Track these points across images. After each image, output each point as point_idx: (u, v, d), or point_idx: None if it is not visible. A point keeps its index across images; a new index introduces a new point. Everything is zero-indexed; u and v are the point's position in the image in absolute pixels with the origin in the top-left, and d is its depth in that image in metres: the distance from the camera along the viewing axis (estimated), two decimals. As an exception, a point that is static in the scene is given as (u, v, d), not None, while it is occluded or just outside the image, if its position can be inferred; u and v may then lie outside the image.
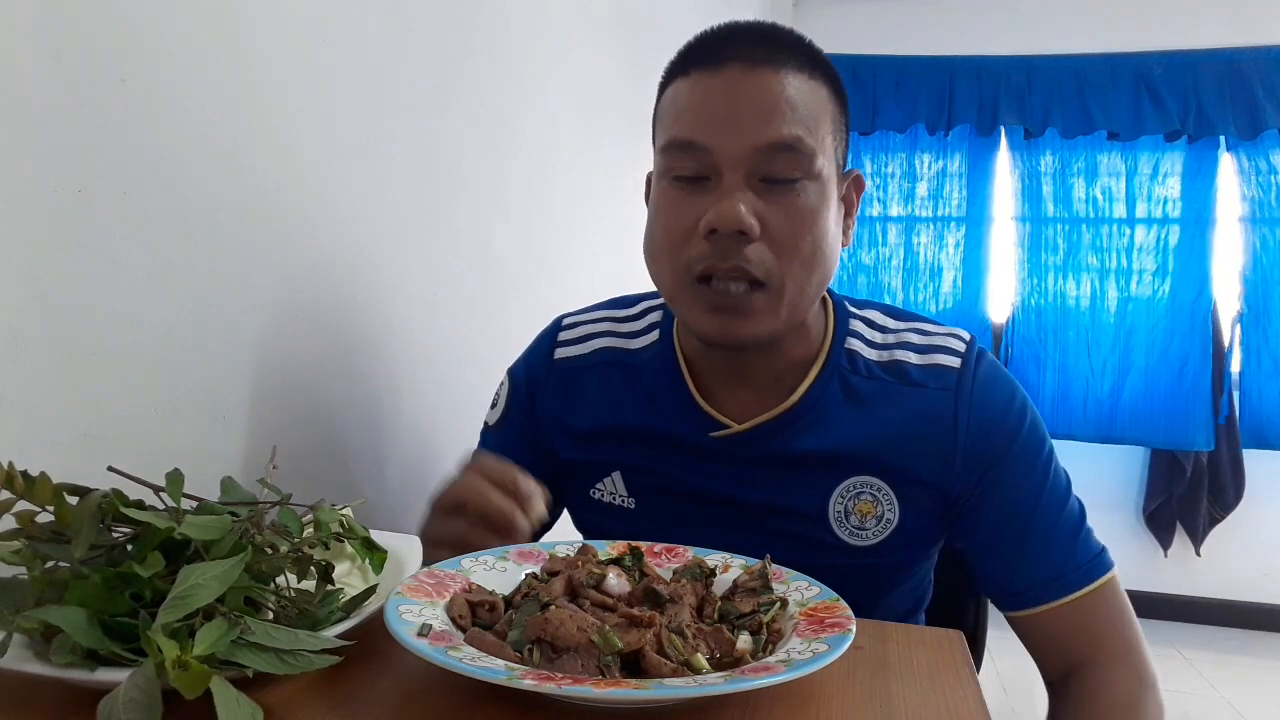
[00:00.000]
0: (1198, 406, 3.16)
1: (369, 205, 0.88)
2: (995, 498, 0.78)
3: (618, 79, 1.68)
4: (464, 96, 1.06)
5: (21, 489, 0.44)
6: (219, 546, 0.45)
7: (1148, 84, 3.18)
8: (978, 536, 0.80)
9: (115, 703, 0.36)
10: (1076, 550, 0.78)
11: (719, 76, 0.70)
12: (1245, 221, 3.16)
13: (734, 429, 0.79)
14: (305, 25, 0.77)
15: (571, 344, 0.89)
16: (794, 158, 0.69)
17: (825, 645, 0.47)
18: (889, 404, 0.79)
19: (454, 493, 0.69)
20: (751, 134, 0.69)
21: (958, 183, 3.37)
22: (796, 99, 0.70)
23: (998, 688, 2.47)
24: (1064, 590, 0.77)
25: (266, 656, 0.40)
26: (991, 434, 0.77)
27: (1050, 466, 0.80)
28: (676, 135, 0.72)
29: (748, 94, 0.69)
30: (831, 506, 0.78)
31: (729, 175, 0.70)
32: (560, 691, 0.41)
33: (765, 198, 0.70)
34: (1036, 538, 0.78)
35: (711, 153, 0.70)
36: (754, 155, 0.69)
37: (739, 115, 0.69)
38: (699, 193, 0.71)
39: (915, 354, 0.80)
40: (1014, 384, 0.82)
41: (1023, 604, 0.79)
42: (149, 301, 0.62)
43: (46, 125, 0.53)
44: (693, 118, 0.71)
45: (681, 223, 0.72)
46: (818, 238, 0.72)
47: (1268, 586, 3.26)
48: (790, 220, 0.70)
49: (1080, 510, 0.80)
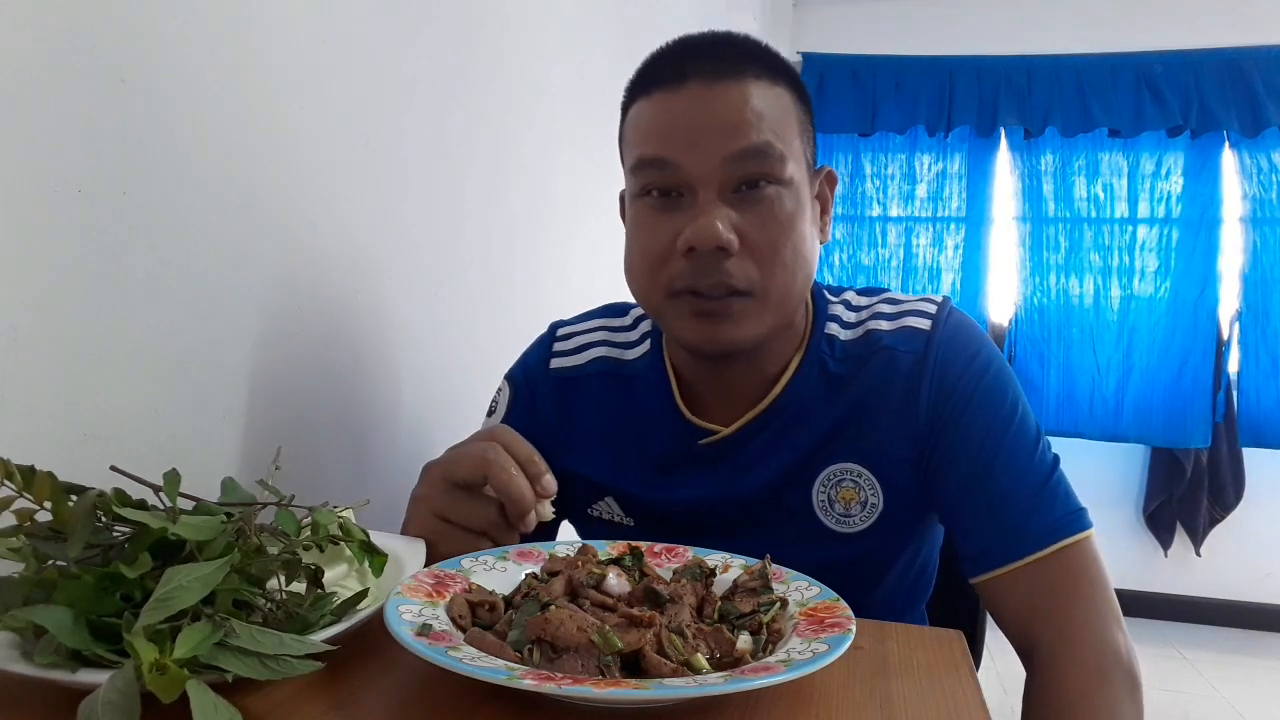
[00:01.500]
0: (1196, 404, 3.16)
1: (370, 205, 0.88)
2: (955, 452, 0.75)
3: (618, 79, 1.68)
4: (465, 97, 1.06)
5: (20, 484, 0.44)
6: (211, 548, 0.45)
7: (1148, 81, 3.18)
8: (942, 498, 0.76)
9: (95, 705, 0.35)
10: (1039, 506, 0.72)
11: (681, 94, 0.70)
12: (1246, 219, 3.17)
13: (721, 434, 0.79)
14: (306, 25, 0.77)
15: (568, 354, 0.89)
16: (764, 164, 0.69)
17: (825, 645, 0.47)
18: (860, 378, 0.77)
19: (476, 463, 0.66)
20: (720, 146, 0.68)
21: (957, 184, 3.37)
22: (761, 107, 0.69)
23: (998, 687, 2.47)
24: (1021, 550, 0.71)
25: (249, 661, 0.40)
26: (952, 388, 0.75)
27: (1015, 416, 0.75)
28: (644, 153, 0.71)
29: (712, 107, 0.69)
30: (815, 496, 0.78)
31: (703, 191, 0.69)
32: (560, 691, 0.41)
33: (740, 208, 0.70)
34: (996, 492, 0.73)
35: (682, 169, 0.69)
36: (725, 167, 0.69)
37: (706, 129, 0.69)
38: (674, 210, 0.71)
39: (886, 321, 0.79)
40: (981, 337, 0.79)
41: (979, 567, 0.74)
42: (149, 301, 0.62)
43: (46, 125, 0.53)
44: (659, 136, 0.70)
45: (658, 242, 0.71)
46: (796, 243, 0.71)
47: (1268, 586, 3.26)
48: (768, 229, 0.70)
49: (1052, 465, 0.75)
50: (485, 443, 0.67)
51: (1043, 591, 0.71)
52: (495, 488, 0.65)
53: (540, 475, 0.67)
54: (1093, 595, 0.71)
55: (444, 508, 0.67)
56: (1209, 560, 3.28)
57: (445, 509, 0.67)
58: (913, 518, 0.80)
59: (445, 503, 0.67)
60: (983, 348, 0.78)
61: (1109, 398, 3.25)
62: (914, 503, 0.78)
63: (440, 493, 0.68)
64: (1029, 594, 0.72)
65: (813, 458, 0.78)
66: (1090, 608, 0.70)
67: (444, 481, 0.68)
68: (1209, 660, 2.94)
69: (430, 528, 0.67)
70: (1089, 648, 0.69)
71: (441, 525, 0.67)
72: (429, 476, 0.70)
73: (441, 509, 0.67)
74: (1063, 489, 0.74)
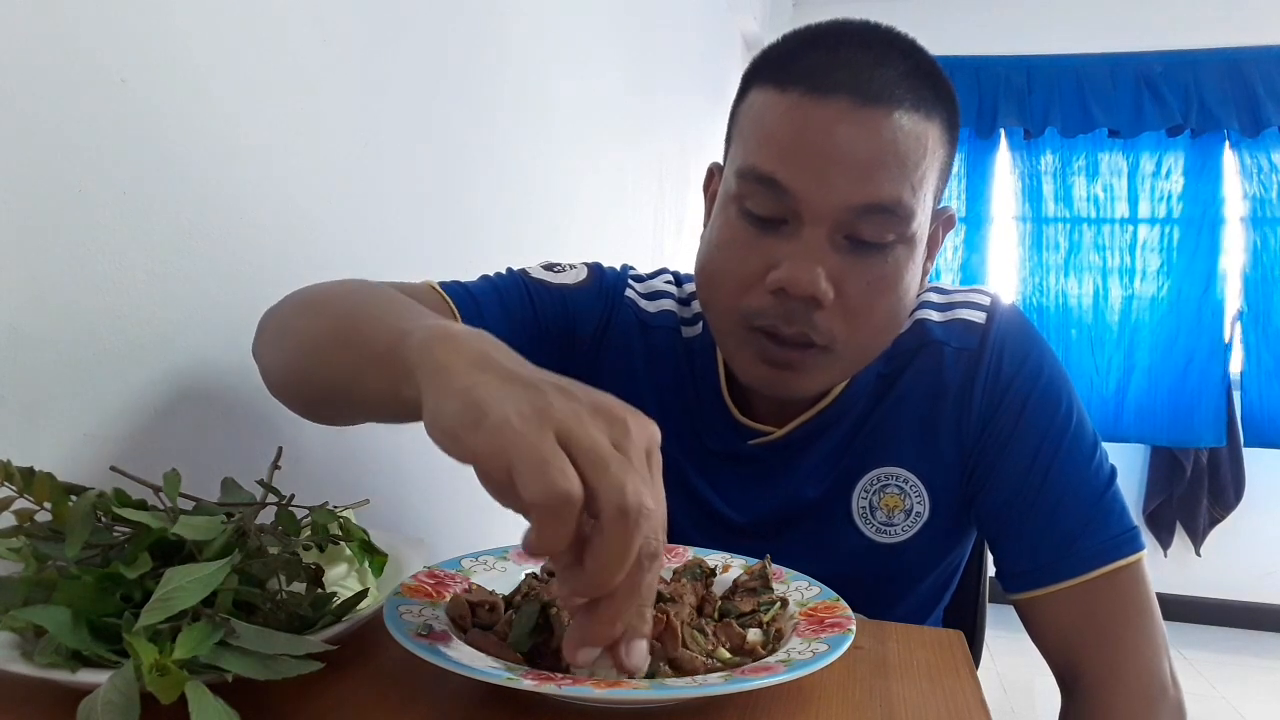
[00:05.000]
0: (1205, 403, 3.16)
1: (370, 204, 0.88)
2: (1006, 460, 0.69)
3: (622, 81, 1.68)
4: (466, 97, 1.06)
5: (20, 484, 0.44)
6: (210, 548, 0.45)
7: (1148, 82, 3.18)
8: (986, 507, 0.72)
9: (94, 705, 0.36)
10: (1092, 523, 0.67)
11: (822, 109, 0.59)
12: (1247, 219, 3.17)
13: (774, 435, 0.73)
14: (306, 25, 0.77)
15: (642, 296, 0.80)
16: (889, 221, 0.60)
17: (825, 645, 0.47)
18: (909, 374, 0.72)
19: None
20: (846, 190, 0.59)
21: (957, 184, 3.37)
22: (905, 150, 0.60)
23: (998, 688, 2.47)
24: (1070, 571, 0.67)
25: (249, 661, 0.40)
26: (1005, 390, 0.70)
27: (1071, 422, 0.69)
28: (759, 166, 0.61)
29: (851, 140, 0.59)
30: (855, 503, 0.72)
31: (810, 229, 0.60)
32: (560, 692, 0.41)
33: (848, 259, 0.61)
34: (1047, 505, 0.68)
35: (796, 199, 0.60)
36: (843, 213, 0.60)
37: (836, 164, 0.59)
38: (772, 234, 0.62)
39: (936, 311, 0.74)
40: (1035, 335, 0.73)
41: (1021, 584, 0.69)
42: (149, 301, 0.62)
43: (46, 125, 0.53)
44: (781, 151, 0.61)
45: (748, 267, 0.63)
46: (894, 304, 0.64)
47: (1268, 586, 3.26)
48: (871, 288, 0.62)
49: (1108, 478, 0.69)
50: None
51: (1090, 616, 0.67)
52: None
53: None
54: (1142, 623, 0.67)
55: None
56: (1209, 560, 3.28)
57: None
58: (956, 526, 0.75)
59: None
60: (1036, 347, 0.72)
61: (1109, 398, 3.25)
62: (959, 511, 0.73)
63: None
64: (1075, 618, 0.68)
65: (856, 461, 0.72)
66: (1140, 636, 0.67)
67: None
68: (1208, 660, 2.94)
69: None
70: (1138, 679, 0.66)
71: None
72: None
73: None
74: (1118, 505, 0.69)
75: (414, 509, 0.99)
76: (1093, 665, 0.67)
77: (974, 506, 0.73)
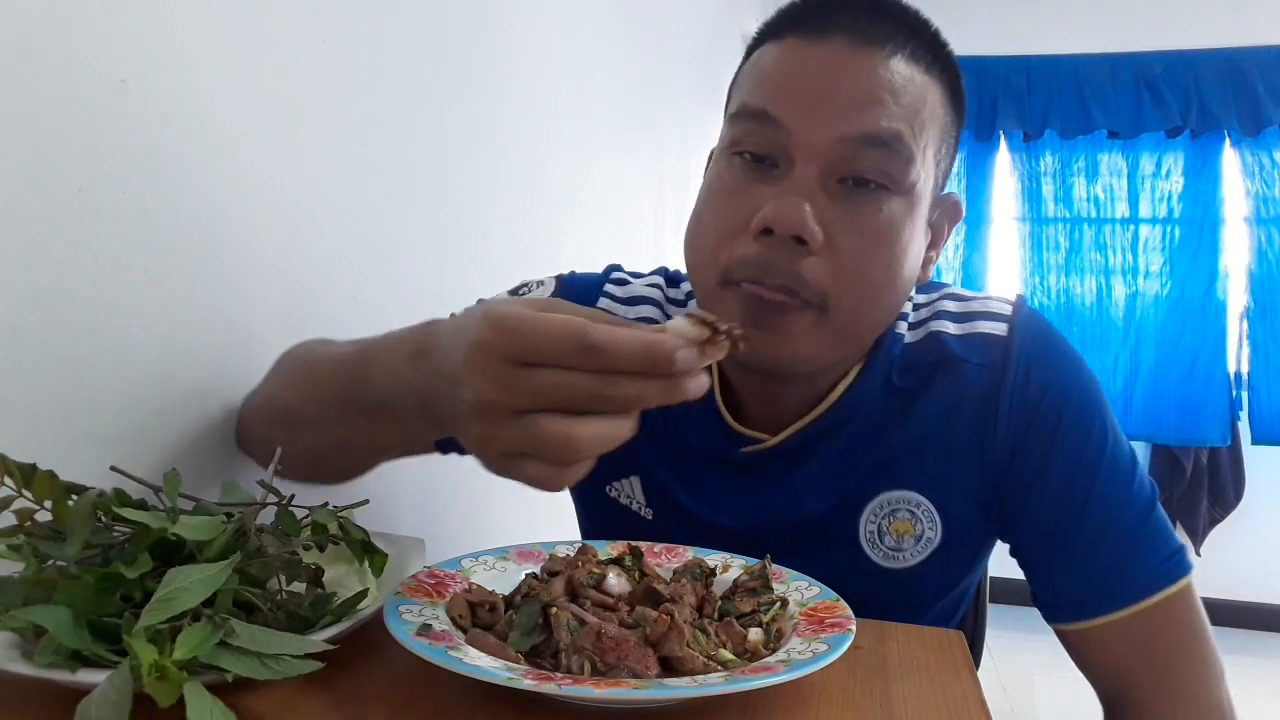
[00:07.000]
0: (1211, 402, 3.15)
1: (370, 204, 0.88)
2: (1040, 487, 0.65)
3: (621, 82, 1.68)
4: (467, 96, 1.06)
5: (20, 484, 0.44)
6: (211, 548, 0.45)
7: (1148, 82, 3.19)
8: (1023, 538, 0.68)
9: (91, 704, 0.36)
10: (1139, 549, 0.64)
11: (817, 48, 0.58)
12: (1250, 219, 3.17)
13: (767, 443, 0.69)
14: (306, 24, 0.77)
15: (619, 300, 0.77)
16: (885, 158, 0.58)
17: (825, 645, 0.47)
18: (926, 394, 0.67)
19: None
20: (840, 120, 0.57)
21: (957, 184, 3.37)
22: (903, 90, 0.58)
23: (998, 688, 2.47)
24: (1120, 602, 0.64)
25: (249, 661, 0.40)
26: (1034, 411, 0.65)
27: (1107, 442, 0.65)
28: (750, 102, 0.60)
29: (846, 72, 0.57)
30: (863, 527, 0.68)
31: (801, 166, 0.58)
32: (560, 692, 0.41)
33: (840, 203, 0.58)
34: (1088, 534, 0.64)
35: (787, 131, 0.58)
36: (838, 147, 0.57)
37: (830, 95, 0.57)
38: (763, 181, 0.59)
39: (953, 323, 0.69)
40: (1063, 345, 0.68)
41: (1067, 616, 0.66)
42: (149, 301, 0.62)
43: (46, 125, 0.53)
44: (774, 87, 0.59)
45: (734, 212, 0.60)
46: (891, 261, 0.59)
47: (1268, 586, 3.26)
48: (865, 236, 0.58)
49: (1150, 498, 0.66)
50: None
51: (1143, 645, 0.64)
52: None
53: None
54: (1196, 649, 0.65)
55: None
56: (1209, 560, 3.27)
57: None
58: (971, 553, 0.71)
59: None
60: (1065, 357, 0.67)
61: (1116, 396, 3.25)
62: (975, 538, 0.70)
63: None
64: (1127, 647, 0.65)
65: (866, 482, 0.68)
66: (1195, 663, 0.65)
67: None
68: (1209, 660, 2.94)
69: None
70: (1194, 709, 0.65)
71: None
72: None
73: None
74: (1163, 526, 0.65)
75: (414, 509, 0.99)
76: (1148, 694, 0.65)
77: (1007, 535, 0.69)
